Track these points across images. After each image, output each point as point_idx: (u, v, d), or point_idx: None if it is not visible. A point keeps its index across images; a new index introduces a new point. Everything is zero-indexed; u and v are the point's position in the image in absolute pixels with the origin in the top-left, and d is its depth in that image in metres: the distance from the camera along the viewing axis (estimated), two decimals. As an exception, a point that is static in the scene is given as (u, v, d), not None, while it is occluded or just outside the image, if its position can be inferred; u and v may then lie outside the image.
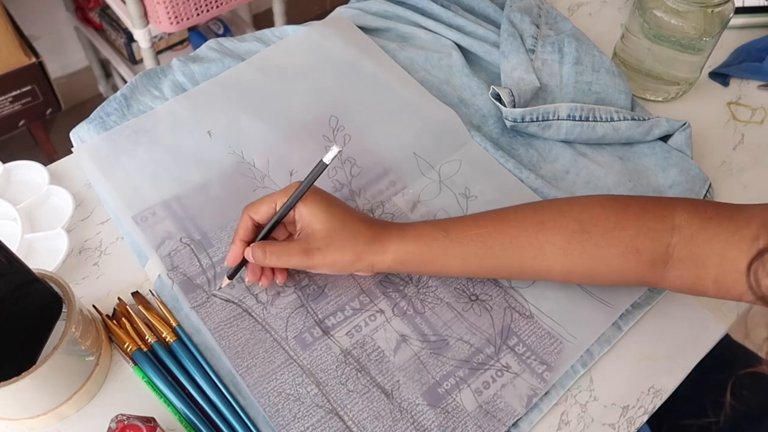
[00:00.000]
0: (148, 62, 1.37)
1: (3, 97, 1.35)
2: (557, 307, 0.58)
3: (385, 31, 0.79)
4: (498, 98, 0.70)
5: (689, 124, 0.69)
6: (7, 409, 0.49)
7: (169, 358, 0.54)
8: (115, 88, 1.76)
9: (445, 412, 0.52)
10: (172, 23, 1.27)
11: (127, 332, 0.54)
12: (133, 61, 1.57)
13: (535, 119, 0.68)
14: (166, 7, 1.24)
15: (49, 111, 1.44)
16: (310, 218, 0.53)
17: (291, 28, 0.76)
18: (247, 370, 0.53)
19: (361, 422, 0.52)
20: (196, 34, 1.58)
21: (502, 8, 0.79)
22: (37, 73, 1.35)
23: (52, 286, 0.50)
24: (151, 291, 0.58)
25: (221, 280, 0.57)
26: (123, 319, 0.55)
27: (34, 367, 0.46)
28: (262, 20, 1.88)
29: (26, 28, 1.41)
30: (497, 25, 0.78)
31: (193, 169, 0.64)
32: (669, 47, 0.71)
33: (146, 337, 0.54)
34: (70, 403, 0.51)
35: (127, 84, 0.70)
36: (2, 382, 0.45)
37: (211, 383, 0.53)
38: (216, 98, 0.69)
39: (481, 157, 0.68)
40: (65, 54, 1.71)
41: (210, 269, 0.58)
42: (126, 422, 0.45)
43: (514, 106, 0.68)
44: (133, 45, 1.52)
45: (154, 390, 0.52)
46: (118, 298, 0.57)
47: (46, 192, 0.63)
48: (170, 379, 0.53)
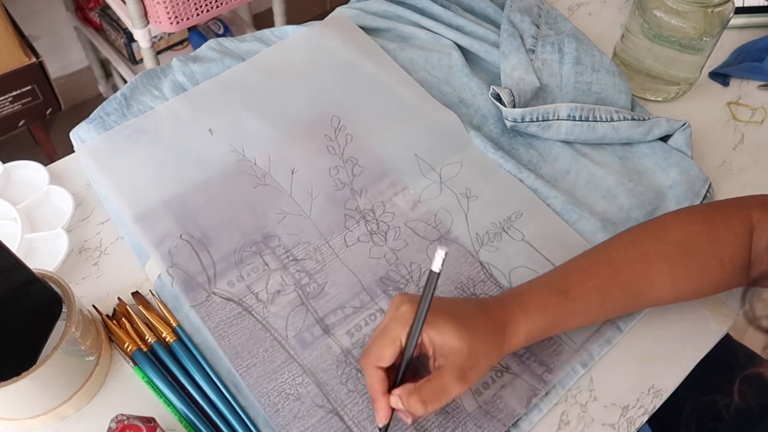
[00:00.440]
0: (148, 62, 1.37)
1: (3, 97, 1.35)
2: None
3: (385, 31, 0.79)
4: (498, 98, 0.70)
5: (689, 124, 0.69)
6: (7, 409, 0.49)
7: (169, 358, 0.54)
8: (115, 88, 1.76)
9: (445, 412, 0.52)
10: (172, 23, 1.27)
11: (127, 332, 0.54)
12: (133, 61, 1.57)
13: (535, 119, 0.68)
14: (166, 7, 1.24)
15: (49, 111, 1.44)
16: (442, 339, 0.48)
17: (291, 28, 0.76)
18: (247, 370, 0.53)
19: (361, 422, 0.52)
20: (196, 34, 1.58)
21: (502, 8, 0.79)
22: (37, 73, 1.35)
23: (52, 286, 0.50)
24: (151, 291, 0.58)
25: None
26: (123, 319, 0.55)
27: (34, 367, 0.46)
28: (262, 20, 1.88)
29: (26, 28, 1.41)
30: (497, 25, 0.78)
31: (194, 168, 0.64)
32: (669, 47, 0.71)
33: (146, 337, 0.54)
34: (70, 403, 0.51)
35: (127, 84, 0.70)
36: (2, 382, 0.45)
37: (211, 383, 0.53)
38: (216, 98, 0.69)
39: (481, 159, 0.68)
40: (65, 54, 1.71)
41: (210, 267, 0.58)
42: (126, 422, 0.45)
43: (514, 106, 0.68)
44: (133, 45, 1.52)
45: (154, 390, 0.52)
46: (118, 298, 0.57)
47: (46, 192, 0.63)
48: (170, 379, 0.53)
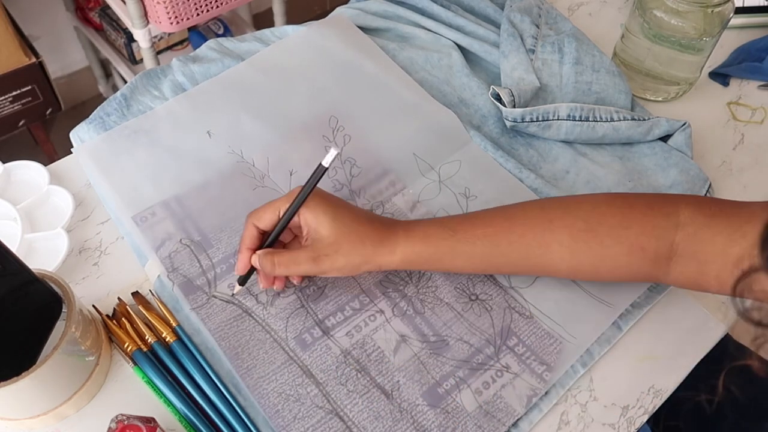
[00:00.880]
0: (148, 62, 1.37)
1: (3, 97, 1.35)
2: (557, 307, 0.58)
3: (385, 31, 0.79)
4: (498, 98, 0.70)
5: (689, 124, 0.69)
6: (7, 409, 0.49)
7: (169, 358, 0.54)
8: (115, 88, 1.76)
9: (445, 413, 0.52)
10: (172, 23, 1.27)
11: (127, 332, 0.54)
12: (133, 61, 1.57)
13: (535, 119, 0.68)
14: (166, 7, 1.24)
15: (49, 111, 1.44)
16: (315, 224, 0.53)
17: (291, 28, 0.76)
18: (247, 371, 0.53)
19: (361, 422, 0.52)
20: (196, 34, 1.58)
21: (502, 8, 0.79)
22: (37, 73, 1.35)
23: (52, 286, 0.50)
24: (151, 291, 0.58)
25: (233, 286, 0.57)
26: (123, 319, 0.55)
27: (34, 367, 0.46)
28: (262, 20, 1.88)
29: (26, 28, 1.41)
30: (497, 25, 0.78)
31: (193, 169, 0.64)
32: (669, 47, 0.71)
33: (146, 337, 0.54)
34: (70, 403, 0.51)
35: (127, 84, 0.70)
36: (2, 382, 0.45)
37: (211, 383, 0.53)
38: (216, 98, 0.69)
39: (480, 158, 0.68)
40: (65, 54, 1.71)
41: (210, 270, 0.58)
42: (126, 422, 0.45)
43: (514, 106, 0.68)
44: (133, 45, 1.52)
45: (154, 390, 0.52)
46: (118, 298, 0.57)
47: (46, 192, 0.63)
48: (170, 379, 0.53)
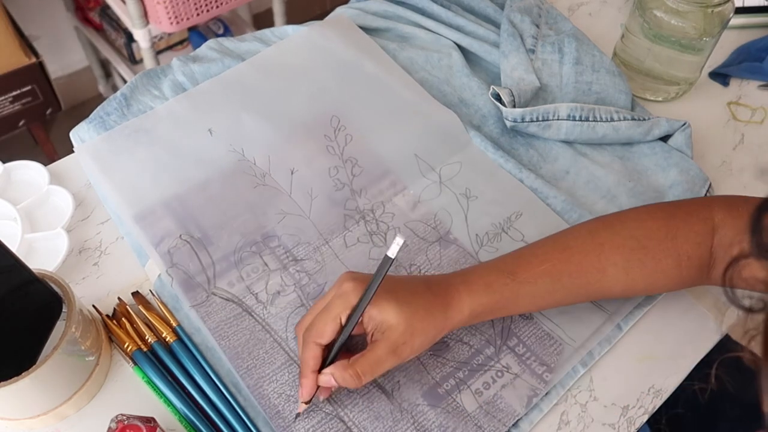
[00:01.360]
0: (148, 62, 1.38)
1: (3, 97, 1.35)
2: (557, 309, 0.58)
3: (385, 31, 0.79)
4: (498, 98, 0.70)
5: (689, 124, 0.69)
6: (7, 409, 0.49)
7: (169, 358, 0.54)
8: (115, 88, 1.76)
9: (446, 413, 0.52)
10: (172, 23, 1.27)
11: (127, 332, 0.54)
12: (133, 61, 1.57)
13: (535, 119, 0.68)
14: (166, 7, 1.24)
15: (49, 111, 1.44)
16: (381, 317, 0.49)
17: (291, 28, 0.76)
18: (248, 371, 0.53)
19: (362, 423, 0.52)
20: (196, 34, 1.58)
21: (502, 8, 0.79)
22: (37, 73, 1.35)
23: (52, 286, 0.50)
24: (151, 291, 0.58)
25: (296, 407, 0.52)
26: (123, 319, 0.55)
27: (34, 367, 0.46)
28: (262, 20, 1.88)
29: (26, 28, 1.41)
30: (497, 25, 0.78)
31: (194, 167, 0.64)
32: (669, 47, 0.71)
33: (146, 337, 0.54)
34: (70, 403, 0.51)
35: (127, 84, 0.70)
36: (2, 382, 0.45)
37: (211, 383, 0.53)
38: (216, 98, 0.69)
39: (481, 160, 0.68)
40: (65, 54, 1.71)
41: (210, 267, 0.58)
42: (126, 422, 0.45)
43: (514, 106, 0.68)
44: (133, 45, 1.52)
45: (154, 390, 0.52)
46: (118, 298, 0.57)
47: (46, 192, 0.63)
48: (170, 379, 0.53)
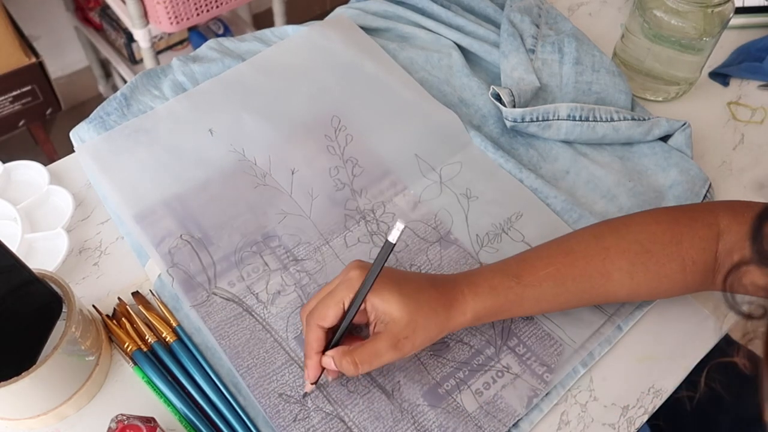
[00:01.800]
0: (148, 62, 1.38)
1: (3, 97, 1.35)
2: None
3: (385, 31, 0.79)
4: (498, 98, 0.70)
5: (689, 124, 0.69)
6: (7, 409, 0.49)
7: (169, 358, 0.54)
8: (115, 88, 1.76)
9: (446, 413, 0.52)
10: (172, 23, 1.27)
11: (127, 332, 0.54)
12: (133, 61, 1.57)
13: (535, 119, 0.68)
14: (166, 7, 1.24)
15: (49, 111, 1.44)
16: (384, 307, 0.49)
17: (291, 28, 0.76)
18: (248, 371, 0.53)
19: (362, 423, 0.52)
20: (196, 34, 1.58)
21: (502, 8, 0.79)
22: (37, 73, 1.35)
23: (52, 286, 0.50)
24: (151, 291, 0.58)
25: (304, 385, 0.53)
26: (123, 319, 0.55)
27: (34, 367, 0.46)
28: (262, 20, 1.88)
29: (26, 28, 1.41)
30: (497, 25, 0.78)
31: (194, 167, 0.64)
32: (669, 47, 0.71)
33: (146, 337, 0.54)
34: (70, 403, 0.51)
35: (127, 84, 0.70)
36: (2, 382, 0.45)
37: (211, 383, 0.53)
38: (216, 97, 0.69)
39: (481, 160, 0.68)
40: (65, 54, 1.71)
41: (210, 267, 0.58)
42: (126, 422, 0.45)
43: (514, 106, 0.68)
44: (133, 45, 1.52)
45: (154, 390, 0.52)
46: (118, 298, 0.57)
47: (46, 192, 0.63)
48: (170, 379, 0.53)
